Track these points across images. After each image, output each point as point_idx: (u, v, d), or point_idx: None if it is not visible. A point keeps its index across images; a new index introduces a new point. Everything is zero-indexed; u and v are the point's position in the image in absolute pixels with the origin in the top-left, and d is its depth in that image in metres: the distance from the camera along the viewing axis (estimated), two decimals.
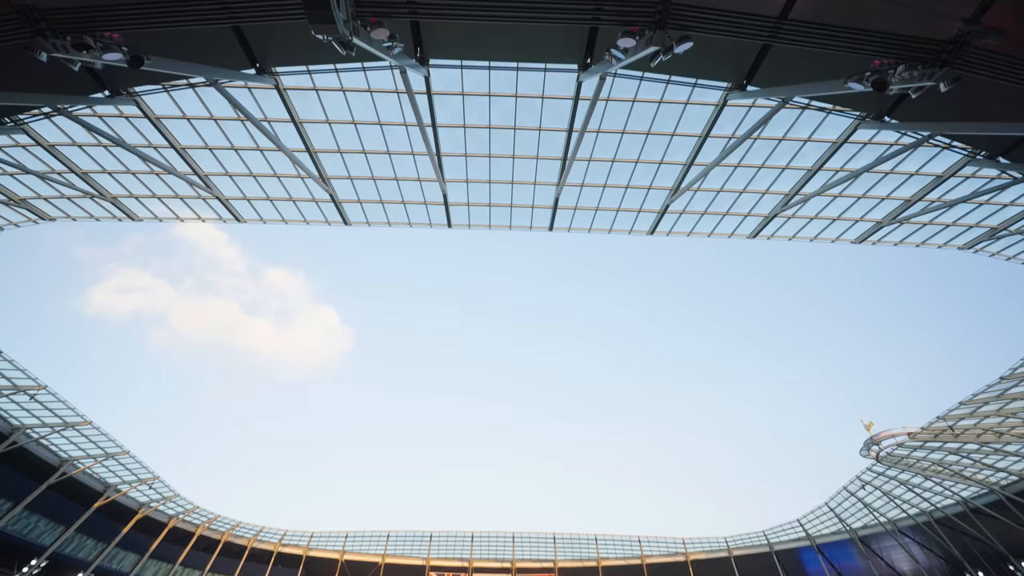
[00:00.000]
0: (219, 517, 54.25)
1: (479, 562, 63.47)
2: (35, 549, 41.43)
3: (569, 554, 63.75)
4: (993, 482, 41.77)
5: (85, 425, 37.67)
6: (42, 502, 40.46)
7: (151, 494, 47.55)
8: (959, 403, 34.49)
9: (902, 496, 48.59)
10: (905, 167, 20.91)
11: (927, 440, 38.87)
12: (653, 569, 61.29)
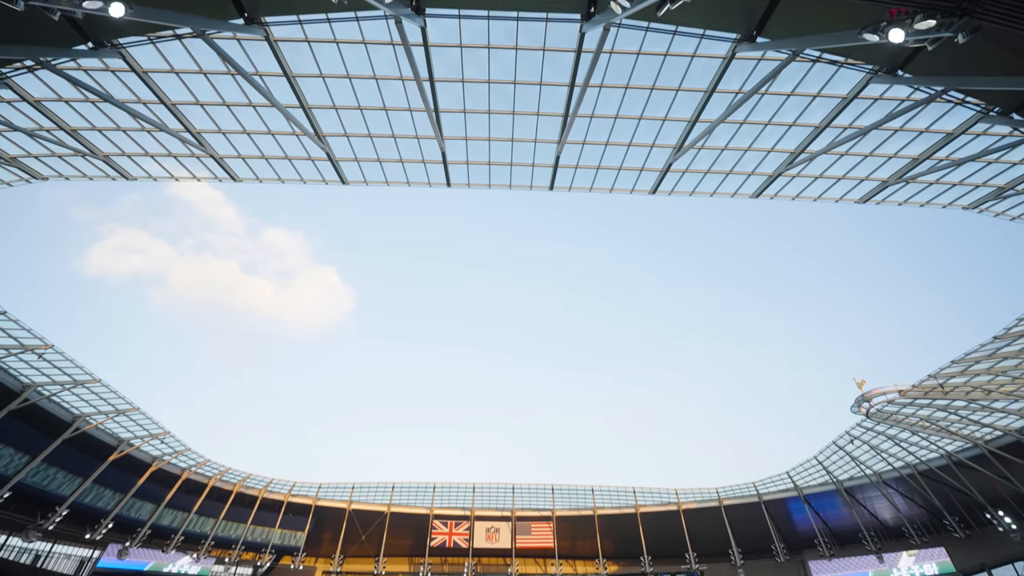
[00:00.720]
0: (230, 469, 56.34)
1: (481, 511, 66.47)
2: (56, 499, 43.34)
3: (567, 504, 66.70)
4: (978, 437, 43.13)
5: (94, 383, 38.47)
6: (59, 455, 41.93)
7: (163, 448, 49.18)
8: (951, 362, 35.08)
9: (888, 450, 50.27)
10: (915, 124, 20.39)
11: (917, 397, 39.82)
12: (647, 518, 64.24)
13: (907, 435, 47.25)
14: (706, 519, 62.56)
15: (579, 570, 71.74)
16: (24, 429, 39.02)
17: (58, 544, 53.95)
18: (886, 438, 48.66)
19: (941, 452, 46.64)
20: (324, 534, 65.84)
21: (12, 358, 34.53)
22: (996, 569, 51.07)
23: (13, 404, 36.15)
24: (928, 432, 44.47)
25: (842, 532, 60.05)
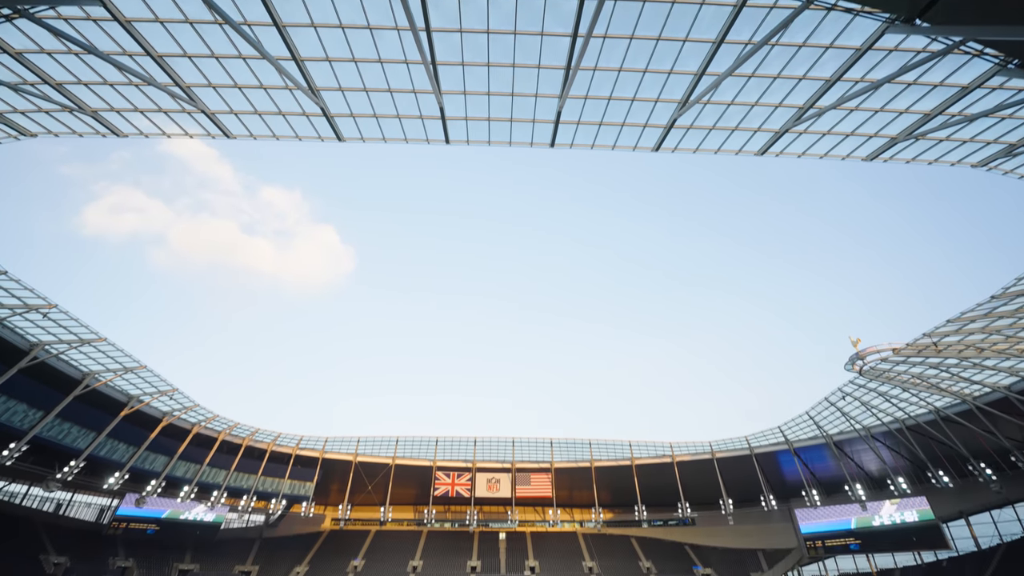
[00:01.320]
0: (238, 424, 58.08)
1: (482, 463, 69.07)
2: (72, 452, 44.92)
3: (565, 456, 69.20)
4: (967, 393, 44.20)
5: (100, 341, 39.05)
6: (72, 411, 43.12)
7: (172, 404, 50.50)
8: (946, 321, 35.46)
9: (879, 406, 51.64)
10: (929, 78, 19.71)
11: (910, 355, 40.51)
12: (641, 469, 66.83)
13: (898, 392, 48.39)
14: (699, 471, 65.09)
15: (576, 517, 75.32)
16: (35, 386, 39.94)
17: (78, 493, 56.42)
18: (877, 394, 49.86)
19: (929, 408, 47.90)
20: (332, 484, 68.70)
21: (18, 317, 34.91)
22: (973, 516, 53.64)
23: (23, 362, 36.84)
24: (918, 389, 45.52)
25: (828, 482, 62.64)
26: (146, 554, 56.45)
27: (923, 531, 52.67)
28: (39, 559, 47.55)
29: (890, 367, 43.78)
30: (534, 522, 74.29)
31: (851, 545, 56.94)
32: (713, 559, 64.44)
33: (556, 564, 63.91)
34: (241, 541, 65.28)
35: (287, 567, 61.09)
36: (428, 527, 70.98)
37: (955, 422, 46.68)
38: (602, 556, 65.68)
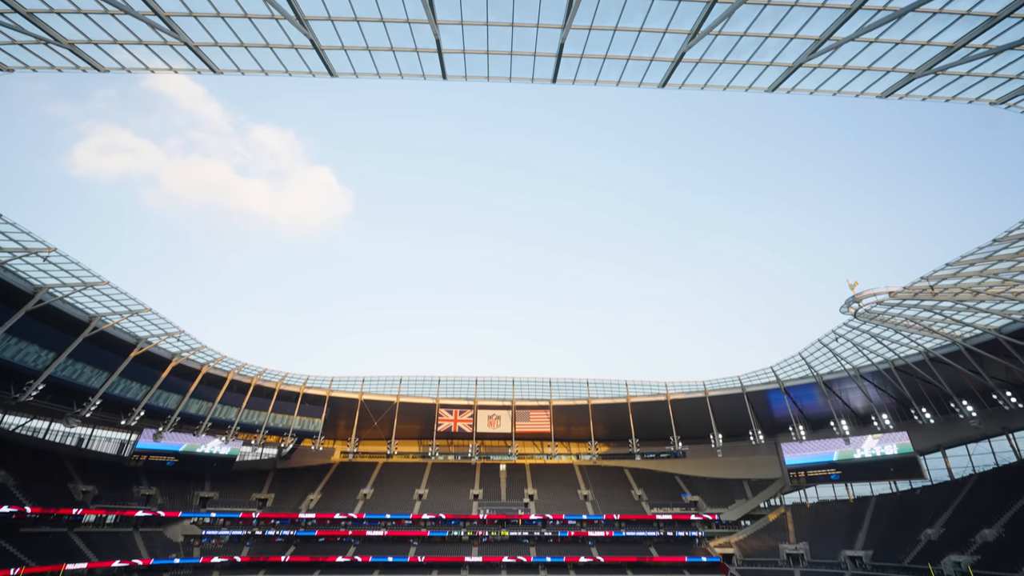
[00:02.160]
0: (246, 364, 59.77)
1: (483, 401, 71.80)
2: (87, 391, 46.58)
3: (563, 394, 71.79)
4: (958, 336, 45.11)
5: (103, 285, 39.35)
6: (83, 352, 44.24)
7: (180, 345, 51.70)
8: (945, 264, 35.48)
9: (870, 347, 52.87)
10: (956, 6, 18.51)
11: (906, 298, 40.94)
12: (636, 407, 69.58)
13: (890, 333, 49.37)
14: (692, 408, 67.79)
15: (573, 450, 79.35)
16: (45, 328, 40.71)
17: (98, 429, 59.14)
18: (869, 336, 50.91)
19: (919, 349, 49.08)
20: (339, 420, 71.82)
21: (18, 261, 34.95)
22: (949, 449, 56.52)
23: (29, 305, 37.33)
24: (910, 331, 46.41)
25: (815, 418, 65.42)
26: (168, 483, 60.06)
27: (901, 463, 55.68)
28: (68, 488, 50.69)
29: (885, 310, 44.38)
30: (533, 455, 78.35)
31: (832, 475, 60.41)
32: (701, 488, 68.59)
33: (553, 492, 68.11)
34: (256, 472, 69.20)
35: (301, 495, 65.16)
36: (432, 459, 74.94)
37: (943, 363, 47.99)
38: (597, 485, 69.87)
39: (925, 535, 48.31)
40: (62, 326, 41.75)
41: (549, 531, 62.02)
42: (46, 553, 43.39)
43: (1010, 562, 38.51)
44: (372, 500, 65.21)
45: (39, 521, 46.59)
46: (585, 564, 58.18)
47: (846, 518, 58.61)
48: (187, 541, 57.08)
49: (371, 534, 60.49)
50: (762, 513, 65.65)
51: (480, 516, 62.48)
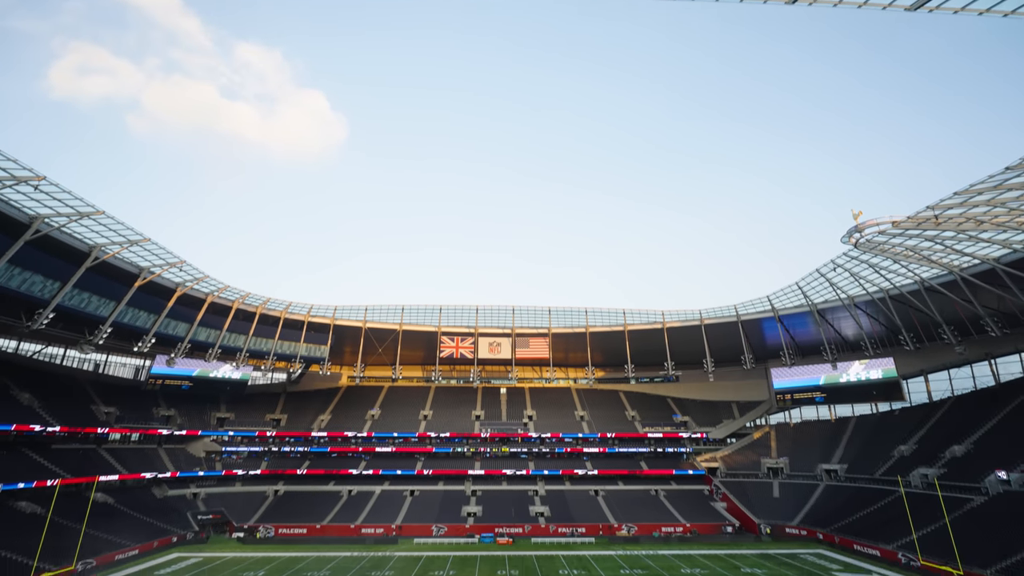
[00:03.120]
0: (250, 294, 60.63)
1: (484, 329, 73.69)
2: (97, 319, 47.62)
3: (562, 323, 73.51)
4: (955, 265, 45.39)
5: (99, 215, 38.88)
6: (88, 282, 44.72)
7: (183, 275, 52.12)
8: (953, 193, 34.91)
9: (867, 277, 53.40)
10: None
11: (909, 228, 40.69)
12: (633, 334, 71.55)
13: (888, 263, 49.64)
14: (687, 336, 69.76)
15: (570, 375, 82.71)
16: (47, 258, 40.83)
17: (112, 355, 61.18)
18: (868, 266, 51.24)
19: (915, 279, 49.59)
20: (345, 347, 74.14)
21: (9, 190, 34.28)
22: (932, 374, 58.96)
23: (27, 235, 37.14)
24: (909, 261, 46.62)
25: (806, 345, 67.56)
26: (185, 405, 63.23)
27: (884, 386, 58.33)
28: (91, 409, 53.41)
29: (886, 240, 44.30)
30: (532, 379, 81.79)
31: (817, 398, 63.51)
32: (691, 409, 72.36)
33: (551, 413, 71.93)
34: (268, 395, 72.59)
35: (312, 416, 68.84)
36: (435, 383, 78.32)
37: (937, 292, 48.70)
38: (592, 407, 73.62)
39: (898, 451, 51.70)
40: (64, 256, 41.83)
41: (547, 448, 66.24)
42: (78, 467, 46.64)
43: (973, 474, 41.58)
44: (380, 420, 68.99)
45: (68, 439, 49.59)
46: (580, 476, 62.76)
47: (826, 436, 62.42)
48: (209, 457, 61.15)
49: (380, 450, 64.66)
50: (748, 432, 69.78)
51: (482, 435, 66.41)
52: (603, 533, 51.42)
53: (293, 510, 55.02)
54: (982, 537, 34.56)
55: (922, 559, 34.37)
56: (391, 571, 36.97)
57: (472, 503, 56.98)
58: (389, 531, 51.25)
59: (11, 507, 39.93)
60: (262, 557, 41.60)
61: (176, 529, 47.44)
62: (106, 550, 38.31)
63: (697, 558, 41.31)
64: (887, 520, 42.43)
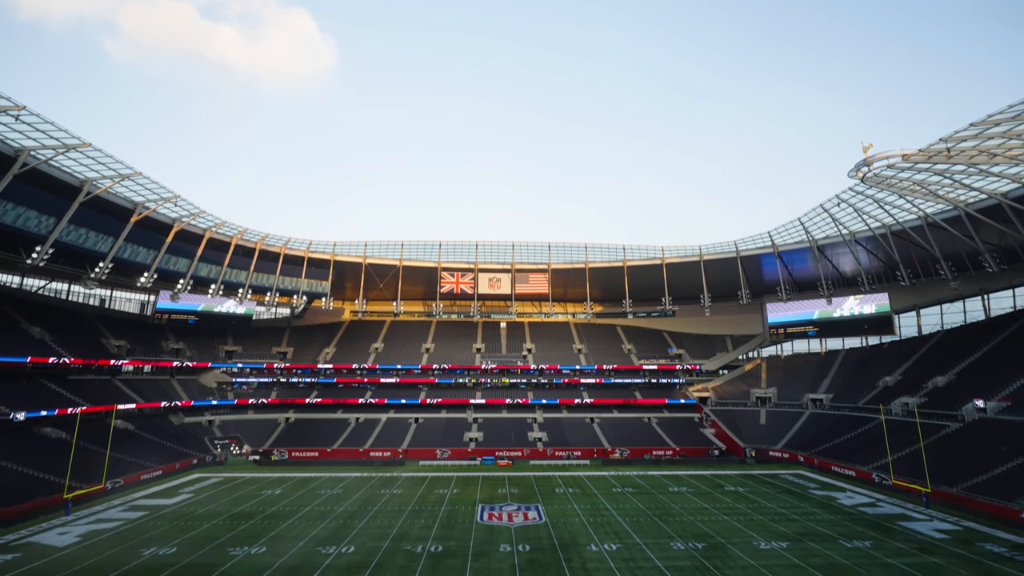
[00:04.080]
0: (248, 229, 60.21)
1: (484, 264, 73.93)
2: (97, 255, 47.65)
3: (561, 258, 73.62)
4: (961, 200, 44.74)
5: (85, 147, 37.72)
6: (85, 218, 44.29)
7: (179, 211, 51.48)
8: (969, 124, 33.69)
9: (871, 212, 52.79)
10: None
11: (919, 161, 39.64)
12: (632, 270, 71.90)
13: (893, 198, 48.89)
14: (685, 272, 70.15)
15: (569, 310, 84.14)
16: (39, 193, 40.18)
17: (117, 291, 61.93)
18: (872, 201, 50.51)
19: (919, 214, 49.07)
20: (346, 283, 74.80)
21: None
22: (924, 308, 60.00)
23: (14, 168, 36.27)
24: (915, 196, 45.87)
25: (803, 281, 68.15)
26: (193, 339, 64.87)
27: (876, 320, 59.53)
28: (101, 342, 54.87)
29: (894, 174, 43.32)
30: (532, 314, 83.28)
31: (809, 332, 65.02)
32: (686, 342, 74.33)
33: (550, 346, 73.97)
34: (273, 329, 74.24)
35: (317, 349, 70.84)
36: (436, 318, 79.84)
37: (940, 228, 48.38)
38: (590, 340, 75.57)
39: (883, 382, 53.77)
40: (56, 191, 41.12)
41: (545, 379, 68.80)
42: (96, 396, 48.71)
43: (952, 403, 43.56)
44: (383, 353, 71.08)
45: (83, 370, 51.35)
46: (576, 405, 65.72)
47: (815, 368, 64.64)
48: (220, 387, 63.66)
49: (384, 381, 67.20)
50: (740, 364, 72.16)
51: (483, 367, 68.71)
52: (597, 456, 54.69)
53: (304, 436, 58.15)
54: (953, 460, 36.85)
55: (894, 479, 36.84)
56: (399, 489, 39.75)
57: (474, 429, 60.11)
58: (396, 455, 54.47)
59: (37, 432, 42.20)
60: (278, 477, 44.57)
61: (195, 452, 50.38)
62: (132, 471, 40.96)
63: (684, 477, 44.26)
64: (865, 444, 44.98)
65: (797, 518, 31.03)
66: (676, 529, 28.78)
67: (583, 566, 23.07)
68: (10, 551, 25.25)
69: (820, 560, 23.61)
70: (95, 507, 33.76)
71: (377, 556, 24.37)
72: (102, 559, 24.03)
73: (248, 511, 32.99)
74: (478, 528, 29.04)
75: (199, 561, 23.78)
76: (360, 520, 30.75)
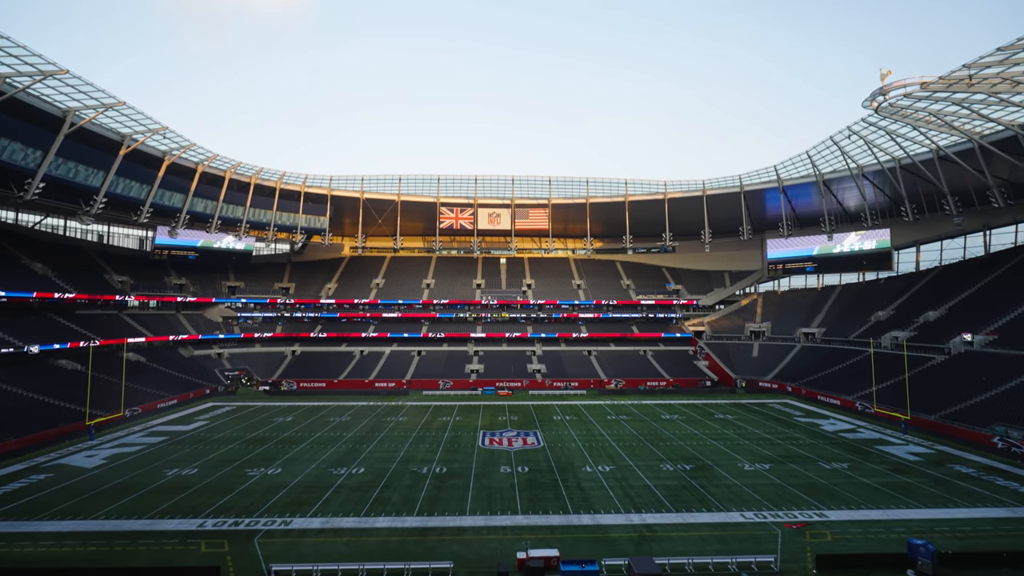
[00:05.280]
0: (242, 163, 58.67)
1: (483, 199, 72.75)
2: (90, 190, 46.72)
3: (562, 193, 72.33)
4: (976, 132, 43.23)
5: (63, 73, 35.83)
6: (72, 151, 43.00)
7: (168, 143, 49.86)
8: (996, 48, 31.85)
9: (881, 145, 51.18)
10: None
11: (938, 89, 37.84)
12: (634, 205, 70.87)
13: (907, 130, 47.24)
14: (687, 207, 69.18)
15: (569, 246, 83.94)
16: (22, 125, 38.78)
17: (114, 227, 61.47)
18: (884, 133, 48.83)
19: (931, 147, 47.63)
20: (344, 218, 74.03)
21: None
22: (925, 244, 59.88)
23: None
24: (928, 127, 44.27)
25: (805, 217, 67.43)
26: (195, 274, 65.29)
27: (875, 256, 59.62)
28: (104, 278, 55.27)
29: (910, 103, 41.53)
30: (531, 250, 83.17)
31: (808, 268, 65.36)
32: (685, 278, 74.89)
33: (549, 282, 74.60)
34: (274, 265, 74.49)
35: (319, 284, 71.49)
36: (437, 254, 79.84)
37: (950, 161, 47.16)
38: (589, 276, 76.07)
39: (876, 316, 54.83)
40: (39, 122, 39.64)
41: (544, 314, 70.04)
42: (106, 330, 49.83)
43: (941, 336, 44.72)
44: (384, 288, 71.83)
45: (89, 305, 52.14)
46: (574, 339, 67.42)
47: (810, 303, 65.63)
48: (226, 321, 64.95)
49: (387, 316, 68.45)
50: (736, 299, 73.16)
51: (483, 302, 69.71)
52: (594, 386, 56.94)
53: (310, 368, 60.17)
54: (935, 390, 38.44)
55: (876, 407, 38.64)
56: (404, 417, 41.80)
57: (475, 362, 62.09)
58: (400, 385, 56.70)
59: (53, 364, 43.66)
60: (288, 406, 46.68)
61: (207, 383, 52.37)
62: (148, 400, 42.83)
63: (676, 406, 46.40)
64: (852, 376, 46.71)
65: (781, 443, 32.91)
66: (666, 453, 30.61)
67: (578, 485, 24.80)
68: (43, 471, 27.03)
69: (799, 480, 25.35)
70: (117, 433, 35.68)
71: (385, 477, 26.13)
72: (129, 479, 25.78)
73: (262, 436, 34.91)
74: (480, 452, 30.89)
75: (220, 480, 25.53)
76: (368, 445, 32.62)
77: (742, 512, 21.20)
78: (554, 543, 17.93)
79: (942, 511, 21.29)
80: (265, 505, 22.05)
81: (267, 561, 16.68)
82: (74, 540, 18.63)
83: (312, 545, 18.14)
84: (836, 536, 18.84)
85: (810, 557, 16.89)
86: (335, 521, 20.36)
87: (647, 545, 18.13)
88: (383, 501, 22.60)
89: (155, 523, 20.15)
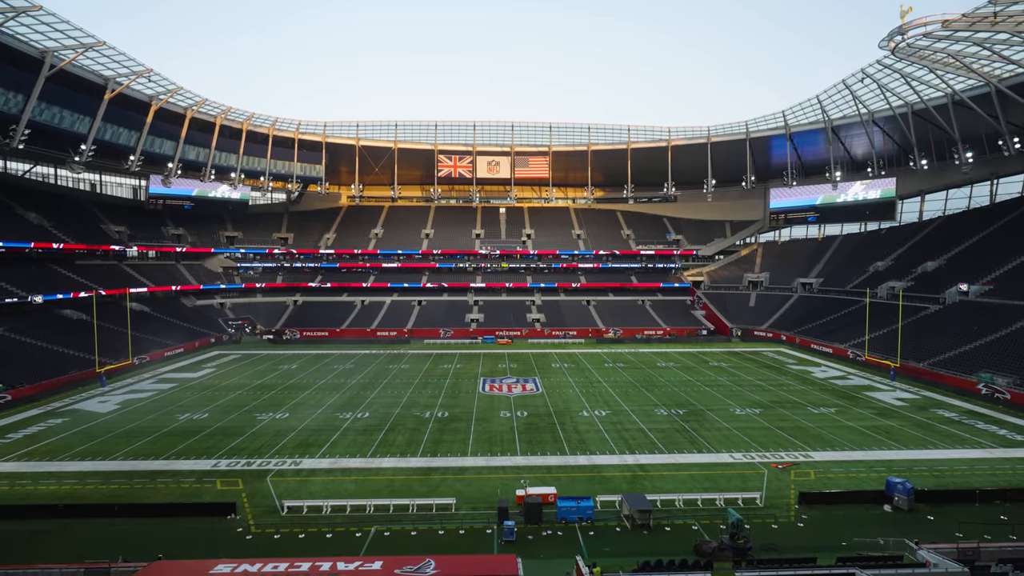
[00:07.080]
0: (232, 108, 56.69)
1: (482, 147, 70.93)
2: (77, 137, 45.41)
3: (563, 140, 70.46)
4: (995, 75, 41.54)
5: (36, 10, 33.90)
6: (56, 95, 41.42)
7: (155, 87, 47.98)
8: None
9: (895, 88, 49.32)
10: None
11: (960, 28, 35.98)
12: (636, 153, 69.20)
13: (923, 73, 45.39)
14: (691, 155, 67.59)
15: (569, 195, 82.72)
16: None
17: (106, 175, 60.22)
18: (899, 76, 46.94)
19: (946, 92, 45.94)
20: (340, 167, 72.46)
21: None
22: (930, 194, 59.02)
23: None
24: (945, 70, 42.48)
25: (811, 165, 66.06)
26: (192, 224, 64.71)
27: (879, 206, 58.93)
28: (101, 228, 54.81)
29: (929, 43, 39.60)
30: (531, 199, 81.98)
31: (810, 217, 64.79)
32: (686, 228, 74.34)
33: (549, 232, 74.10)
34: (271, 215, 73.65)
35: (318, 235, 71.01)
36: (435, 203, 78.77)
37: (965, 106, 45.62)
38: (589, 226, 75.47)
39: (874, 267, 54.93)
40: (17, 64, 37.95)
41: (544, 264, 70.09)
42: (107, 280, 50.01)
43: (937, 287, 45.04)
44: (383, 238, 71.46)
45: (88, 255, 52.05)
46: (573, 288, 67.87)
47: (810, 253, 65.54)
48: (227, 271, 65.08)
49: (386, 266, 68.52)
50: (736, 250, 73.01)
51: (482, 252, 69.57)
52: (592, 335, 57.95)
53: (313, 317, 60.93)
54: (926, 338, 39.19)
55: (868, 355, 39.53)
56: (406, 364, 42.83)
57: (475, 311, 62.82)
58: (401, 334, 57.66)
59: (58, 314, 44.18)
60: (292, 354, 47.70)
61: (212, 332, 53.21)
62: (155, 348, 43.68)
63: (672, 354, 47.45)
64: (847, 325, 47.42)
65: (772, 389, 33.97)
66: (661, 398, 31.66)
67: (575, 428, 25.83)
68: (59, 416, 28.04)
69: (787, 424, 26.38)
70: (127, 380, 36.70)
71: (390, 420, 27.15)
72: (143, 423, 26.79)
73: (268, 383, 35.93)
74: (480, 398, 31.93)
75: (230, 424, 26.55)
76: (372, 391, 33.65)
77: (731, 453, 22.23)
78: (551, 481, 18.92)
79: (922, 452, 22.33)
80: (275, 447, 23.06)
81: (280, 498, 17.66)
82: (96, 478, 19.64)
83: (321, 483, 19.14)
84: (819, 475, 19.86)
85: (793, 494, 17.90)
86: (343, 461, 21.37)
87: (640, 483, 19.14)
88: (388, 443, 23.62)
89: (171, 463, 21.16)
